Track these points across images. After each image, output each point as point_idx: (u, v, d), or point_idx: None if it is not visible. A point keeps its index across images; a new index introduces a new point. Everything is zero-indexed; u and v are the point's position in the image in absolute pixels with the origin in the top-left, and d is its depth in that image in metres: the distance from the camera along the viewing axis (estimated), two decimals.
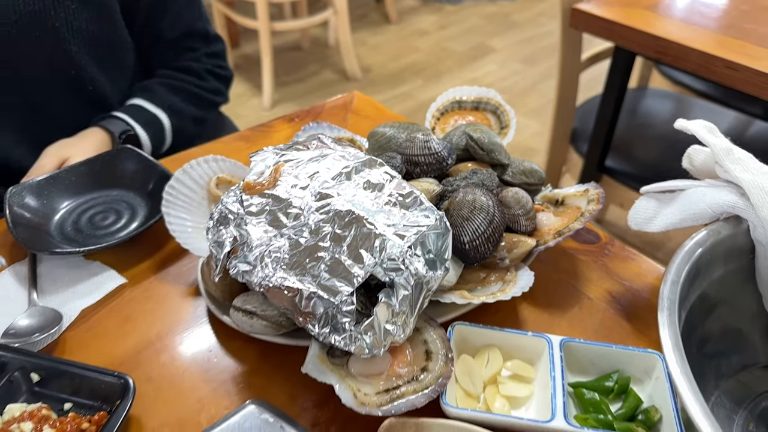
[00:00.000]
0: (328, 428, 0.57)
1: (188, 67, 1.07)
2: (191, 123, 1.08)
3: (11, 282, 0.71)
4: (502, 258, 0.66)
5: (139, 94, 1.03)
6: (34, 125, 0.94)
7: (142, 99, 1.02)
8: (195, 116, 1.08)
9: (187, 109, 1.06)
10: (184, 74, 1.06)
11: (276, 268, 0.55)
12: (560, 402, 0.54)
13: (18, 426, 0.54)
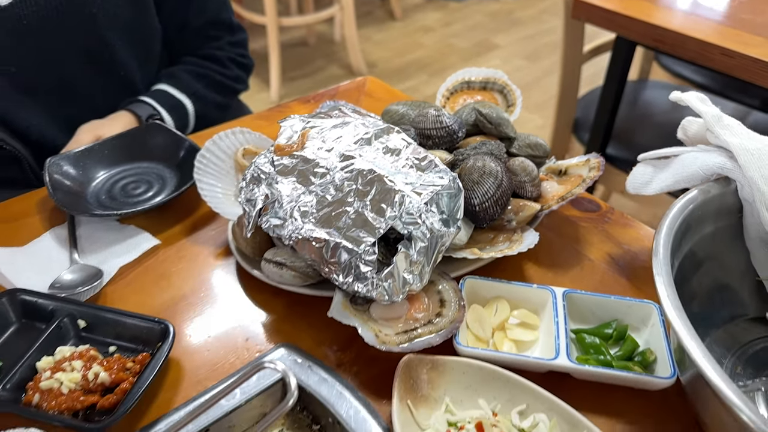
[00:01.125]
0: (351, 368, 0.62)
1: (212, 55, 1.12)
2: (213, 108, 1.13)
3: (52, 244, 0.77)
4: (509, 220, 0.71)
5: (165, 80, 1.08)
6: (68, 107, 0.99)
7: (167, 85, 1.07)
8: (217, 102, 1.13)
9: (210, 95, 1.11)
10: (208, 62, 1.12)
11: (305, 222, 0.61)
12: (563, 343, 0.59)
13: (69, 364, 0.59)
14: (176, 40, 1.12)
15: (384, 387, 0.59)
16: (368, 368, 0.62)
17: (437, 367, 0.58)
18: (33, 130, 0.95)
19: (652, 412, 0.57)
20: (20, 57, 0.91)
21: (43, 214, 0.82)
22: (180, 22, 1.09)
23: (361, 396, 0.59)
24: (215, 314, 0.68)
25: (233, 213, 0.75)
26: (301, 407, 0.63)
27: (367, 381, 0.61)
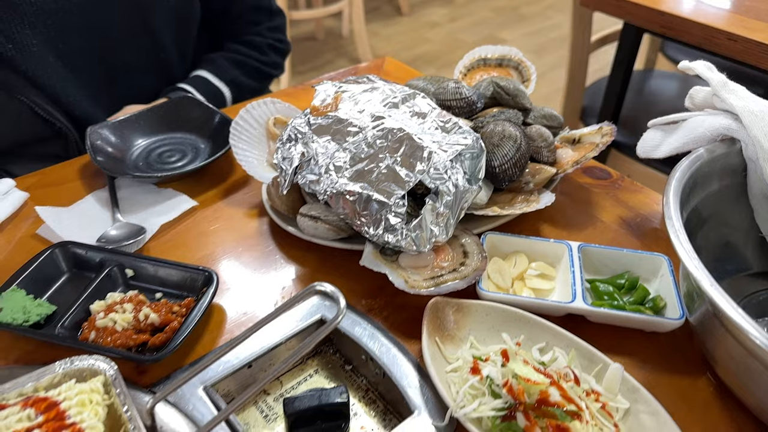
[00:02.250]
0: (381, 313, 0.67)
1: (251, 41, 1.18)
2: (249, 94, 1.18)
3: (95, 205, 0.82)
4: (527, 182, 0.76)
5: (204, 66, 1.14)
6: (108, 85, 1.03)
7: (206, 71, 1.13)
8: (253, 88, 1.19)
9: (247, 82, 1.17)
10: (247, 48, 1.17)
11: (339, 177, 0.65)
12: (579, 289, 0.64)
13: (121, 307, 0.64)
14: (218, 25, 1.17)
15: (412, 329, 0.64)
16: (397, 313, 0.67)
17: (462, 309, 0.63)
18: (76, 106, 0.99)
19: (661, 352, 0.62)
20: (68, 33, 0.96)
21: (84, 179, 0.87)
22: (222, 7, 1.14)
23: (391, 336, 0.64)
24: (252, 267, 0.72)
25: (266, 177, 0.79)
26: (334, 350, 0.68)
27: (396, 324, 0.65)
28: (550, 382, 0.52)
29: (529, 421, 0.50)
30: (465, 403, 0.53)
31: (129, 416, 0.47)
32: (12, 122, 0.97)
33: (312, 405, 0.57)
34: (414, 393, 0.58)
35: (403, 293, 0.68)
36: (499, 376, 0.53)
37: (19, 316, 0.62)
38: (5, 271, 0.71)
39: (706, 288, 0.49)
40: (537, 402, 0.51)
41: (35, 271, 0.67)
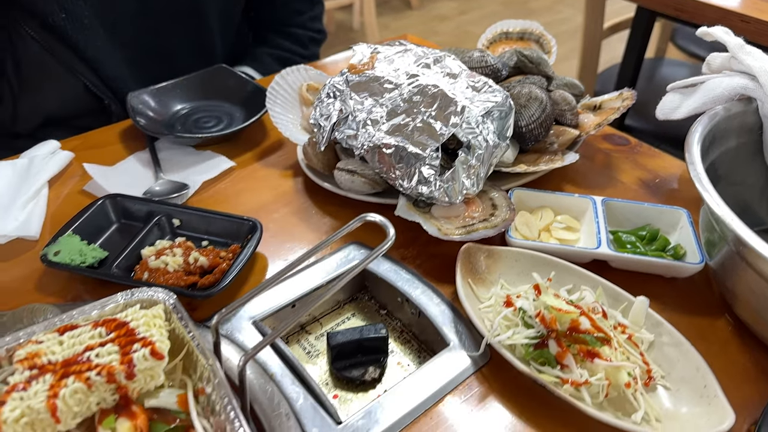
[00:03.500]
0: (414, 261, 0.70)
1: (294, 33, 1.23)
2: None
3: (137, 165, 0.86)
4: (551, 143, 0.79)
5: (249, 62, 1.19)
6: (151, 63, 1.06)
7: (251, 68, 1.19)
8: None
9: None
10: (290, 43, 1.22)
11: (376, 131, 0.69)
12: (604, 237, 0.67)
13: (171, 251, 0.68)
14: (261, 12, 1.21)
15: (444, 275, 0.67)
16: (429, 261, 0.70)
17: (492, 255, 0.66)
18: (119, 82, 1.03)
19: (681, 296, 0.65)
20: (120, 7, 0.99)
21: (124, 142, 0.91)
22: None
23: (425, 280, 0.67)
24: (290, 221, 0.76)
25: (300, 139, 0.83)
26: (368, 297, 0.72)
27: (429, 270, 0.69)
28: (580, 313, 0.55)
29: (561, 347, 0.54)
30: (499, 332, 0.56)
31: (192, 336, 0.50)
32: (65, 95, 1.02)
33: (353, 338, 0.61)
34: (448, 329, 0.62)
35: (435, 243, 0.72)
36: (531, 307, 0.57)
37: (76, 257, 0.66)
38: (55, 222, 0.75)
39: (728, 221, 0.52)
40: (568, 330, 0.55)
41: (87, 219, 0.71)
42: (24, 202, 0.75)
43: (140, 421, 0.45)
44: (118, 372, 0.45)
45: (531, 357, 0.55)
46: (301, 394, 0.56)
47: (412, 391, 0.56)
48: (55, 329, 0.51)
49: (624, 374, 0.52)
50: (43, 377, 0.45)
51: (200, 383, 0.49)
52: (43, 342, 0.49)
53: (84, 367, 0.46)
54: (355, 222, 0.53)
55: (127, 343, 0.48)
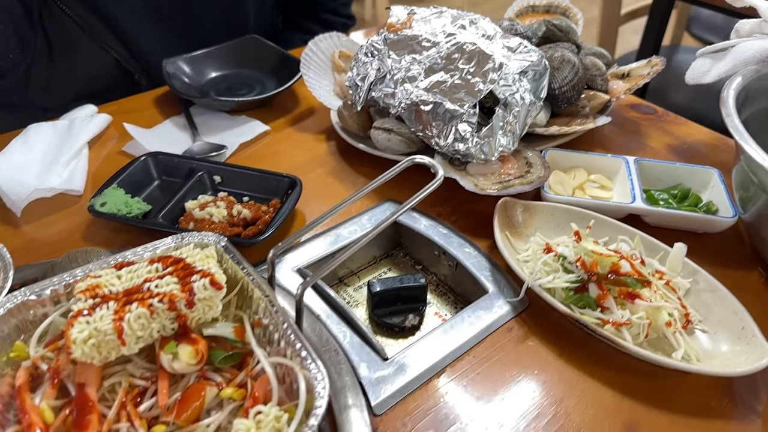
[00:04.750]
0: (449, 217, 0.72)
1: (326, 19, 1.25)
2: None
3: (173, 129, 0.87)
4: (583, 106, 0.81)
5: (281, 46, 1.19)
6: (185, 40, 1.07)
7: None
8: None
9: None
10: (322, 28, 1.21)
11: (413, 87, 0.71)
12: (638, 193, 0.68)
13: (214, 204, 0.70)
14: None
15: (479, 230, 0.69)
16: (464, 218, 0.72)
17: (529, 209, 0.68)
18: (151, 56, 1.04)
19: (713, 251, 0.67)
20: None
21: (159, 108, 0.93)
22: None
23: (461, 234, 0.69)
24: (325, 181, 0.78)
25: (334, 104, 0.85)
26: (404, 254, 0.73)
27: (464, 227, 0.70)
28: (620, 257, 0.57)
29: (602, 290, 0.55)
30: (540, 276, 0.58)
31: (247, 271, 0.52)
32: (96, 70, 1.03)
33: (394, 287, 0.63)
34: (486, 278, 0.63)
35: (470, 201, 0.73)
36: (571, 253, 0.58)
37: (122, 208, 0.68)
38: (96, 181, 0.77)
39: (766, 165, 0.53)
40: (609, 272, 0.56)
41: (130, 175, 0.73)
42: (66, 160, 0.77)
43: (201, 346, 0.46)
44: (179, 300, 0.47)
45: (571, 301, 0.57)
46: (347, 333, 0.57)
47: (455, 332, 0.57)
48: (112, 266, 0.53)
49: (664, 314, 0.53)
50: (106, 304, 0.47)
51: (256, 316, 0.50)
52: (102, 276, 0.51)
53: (146, 295, 0.47)
54: (405, 163, 0.55)
55: (185, 275, 0.50)
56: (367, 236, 0.51)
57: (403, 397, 0.52)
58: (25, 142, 0.78)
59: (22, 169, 0.74)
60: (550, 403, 0.51)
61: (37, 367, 0.47)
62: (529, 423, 0.50)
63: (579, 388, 0.53)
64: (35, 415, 0.43)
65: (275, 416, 0.42)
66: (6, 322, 0.49)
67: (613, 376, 0.53)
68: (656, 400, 0.52)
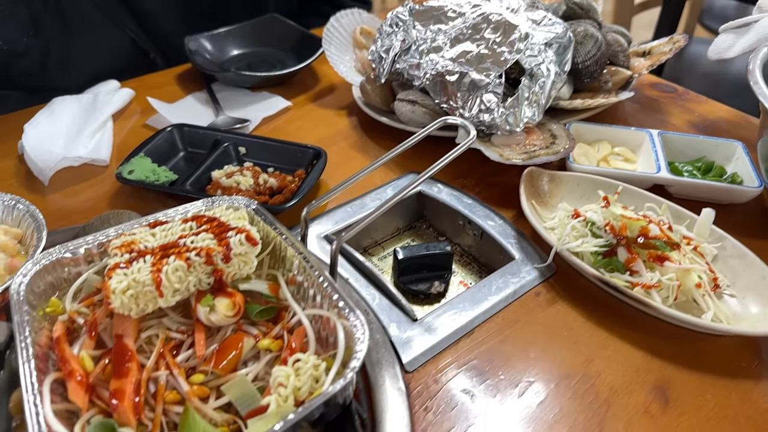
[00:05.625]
0: (473, 189, 0.72)
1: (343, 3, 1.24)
2: None
3: (195, 104, 0.88)
4: (606, 81, 0.81)
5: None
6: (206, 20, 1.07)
7: None
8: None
9: None
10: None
11: (439, 58, 0.71)
12: (663, 163, 0.69)
13: (241, 173, 0.70)
14: None
15: (504, 201, 0.69)
16: (488, 190, 0.72)
17: (554, 179, 0.68)
18: (166, 35, 1.04)
19: (738, 223, 0.66)
20: None
21: (180, 84, 0.93)
22: None
23: (486, 204, 0.69)
24: (348, 154, 0.78)
25: (355, 80, 0.85)
26: (427, 225, 0.74)
27: (488, 198, 0.70)
28: (649, 221, 0.57)
29: (631, 253, 0.56)
30: (568, 241, 0.58)
31: (279, 231, 0.52)
32: (111, 50, 1.04)
33: (420, 254, 0.63)
34: (512, 245, 0.64)
35: (493, 173, 0.74)
36: (600, 218, 0.58)
37: (150, 175, 0.68)
38: (121, 153, 0.78)
39: None
40: (638, 236, 0.56)
41: (156, 145, 0.74)
42: (92, 131, 0.78)
43: (238, 299, 0.47)
44: (216, 254, 0.47)
45: (600, 265, 0.57)
46: (376, 296, 0.57)
47: (482, 296, 0.58)
48: (145, 225, 0.53)
49: (694, 276, 0.54)
50: (142, 258, 0.47)
51: (290, 273, 0.51)
52: (136, 234, 0.51)
53: (182, 249, 0.48)
54: (437, 124, 0.55)
55: (221, 231, 0.50)
56: (401, 194, 0.51)
57: (434, 355, 0.52)
58: (51, 114, 0.79)
59: (49, 139, 0.74)
60: (581, 363, 0.52)
61: (73, 321, 0.47)
62: (559, 381, 0.50)
63: (609, 348, 0.53)
64: (75, 363, 0.43)
65: (313, 364, 0.42)
66: (41, 278, 0.49)
67: (642, 339, 0.54)
68: (686, 362, 0.52)
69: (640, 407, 0.48)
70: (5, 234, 0.59)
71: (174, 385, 0.43)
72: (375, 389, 0.49)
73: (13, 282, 0.47)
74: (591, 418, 0.47)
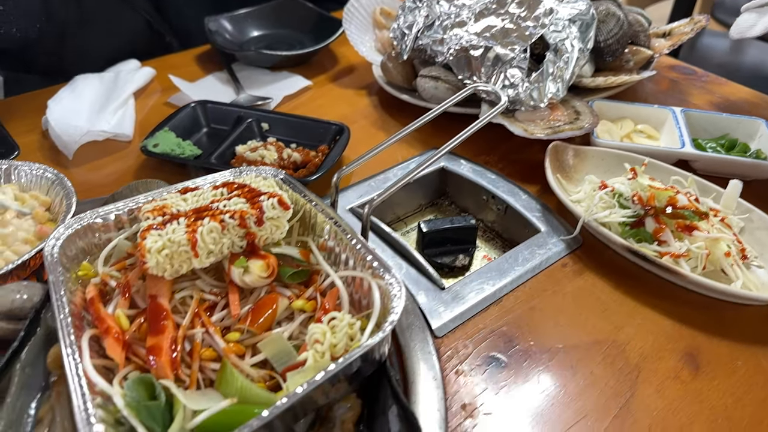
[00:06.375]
0: (496, 165, 0.72)
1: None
2: None
3: (216, 83, 0.88)
4: (627, 60, 0.81)
5: None
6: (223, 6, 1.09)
7: None
8: None
9: None
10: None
11: (463, 33, 0.71)
12: (687, 139, 0.69)
13: (264, 147, 0.70)
14: None
15: (527, 176, 0.69)
16: (511, 166, 0.72)
17: (579, 154, 0.68)
18: (183, 18, 1.05)
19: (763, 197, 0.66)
20: None
21: (200, 64, 0.94)
22: None
23: (509, 179, 0.69)
24: (370, 132, 0.78)
25: (376, 59, 0.85)
26: (449, 202, 0.74)
27: (512, 173, 0.70)
28: (676, 192, 0.57)
29: (659, 223, 0.56)
30: (596, 212, 0.58)
31: (309, 198, 0.52)
32: (128, 34, 1.04)
33: (444, 227, 0.63)
34: (537, 218, 0.64)
35: (516, 150, 0.74)
36: (627, 189, 0.58)
37: (175, 148, 0.69)
38: (143, 130, 0.78)
39: None
40: (666, 205, 0.56)
41: (180, 120, 0.74)
42: (114, 108, 0.78)
43: (271, 260, 0.47)
44: (249, 216, 0.47)
45: (627, 236, 0.57)
46: (403, 265, 0.58)
47: (509, 266, 0.58)
48: (176, 191, 0.53)
49: (723, 245, 0.54)
50: (176, 221, 0.47)
51: (320, 239, 0.51)
52: (167, 199, 0.51)
53: (216, 212, 0.48)
54: (468, 90, 0.55)
55: (253, 196, 0.50)
56: (434, 157, 0.52)
57: (463, 322, 0.52)
58: (73, 90, 0.80)
59: (73, 114, 0.75)
60: (610, 330, 0.52)
61: (105, 284, 0.48)
62: (589, 347, 0.50)
63: (638, 317, 0.53)
64: (111, 320, 0.44)
65: (348, 322, 0.42)
66: (73, 243, 0.50)
67: (670, 308, 0.54)
68: (715, 330, 0.52)
69: (671, 372, 0.48)
70: (35, 200, 0.60)
71: (209, 343, 0.43)
72: (406, 352, 0.49)
73: (47, 244, 0.47)
74: (622, 382, 0.47)
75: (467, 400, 0.46)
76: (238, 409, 0.38)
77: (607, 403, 0.46)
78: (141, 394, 0.40)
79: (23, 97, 0.86)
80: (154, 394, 0.40)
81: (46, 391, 0.44)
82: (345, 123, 0.79)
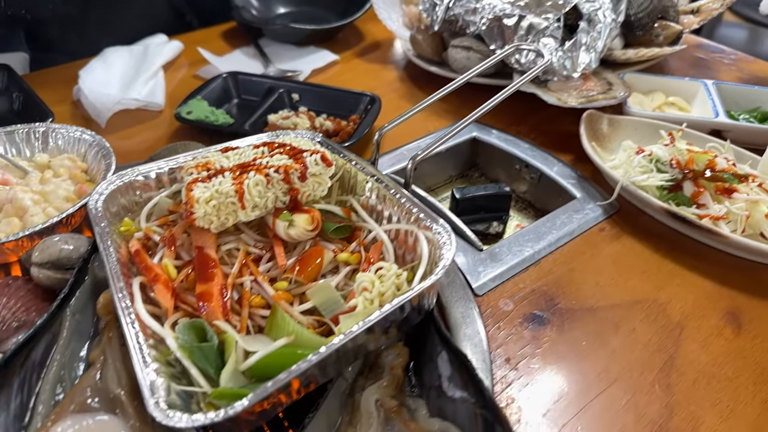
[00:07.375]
0: (528, 135, 0.72)
1: None
2: None
3: (243, 57, 0.88)
4: (657, 35, 0.81)
5: None
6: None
7: None
8: None
9: None
10: None
11: (497, 2, 0.71)
12: (721, 109, 0.68)
13: (296, 116, 0.71)
14: None
15: (560, 147, 0.69)
16: (543, 136, 0.72)
17: (613, 123, 0.68)
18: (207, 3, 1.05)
19: None
20: None
21: (226, 40, 0.94)
22: None
23: (543, 148, 0.69)
24: (399, 103, 0.79)
25: (404, 34, 0.85)
26: (479, 174, 0.74)
27: (544, 143, 0.70)
28: (715, 155, 0.57)
29: (698, 186, 0.56)
30: (634, 175, 0.58)
31: (348, 158, 0.52)
32: (149, 13, 1.04)
33: (478, 194, 0.63)
34: (573, 185, 0.63)
35: (548, 120, 0.74)
36: (665, 153, 0.58)
37: (209, 115, 0.69)
38: (173, 100, 0.78)
39: None
40: (705, 168, 0.56)
41: (212, 90, 0.74)
42: (145, 78, 0.78)
43: (315, 214, 0.47)
44: (293, 171, 0.47)
45: (665, 199, 0.57)
46: None
47: (546, 229, 0.58)
48: (217, 150, 0.54)
49: (763, 207, 0.53)
50: (222, 174, 0.47)
51: (362, 197, 0.51)
52: (210, 157, 0.51)
53: (260, 167, 0.48)
54: (510, 47, 0.55)
55: (295, 153, 0.50)
56: (474, 115, 0.52)
57: (503, 282, 0.52)
58: (104, 61, 0.80)
59: (104, 84, 0.75)
60: (651, 289, 0.52)
61: (149, 238, 0.48)
62: (631, 306, 0.50)
63: (678, 277, 0.53)
64: (159, 269, 0.44)
65: (395, 272, 0.42)
66: (115, 199, 0.50)
67: (709, 270, 0.54)
68: (755, 291, 0.52)
69: (714, 330, 0.48)
70: (72, 162, 0.60)
71: (258, 291, 0.43)
72: (448, 308, 0.49)
73: (91, 198, 0.48)
74: (665, 338, 0.47)
75: (510, 354, 0.46)
76: (290, 351, 0.38)
77: (651, 358, 0.46)
78: (192, 337, 0.40)
79: (52, 70, 0.86)
80: (205, 339, 0.40)
81: (96, 336, 0.44)
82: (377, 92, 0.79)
